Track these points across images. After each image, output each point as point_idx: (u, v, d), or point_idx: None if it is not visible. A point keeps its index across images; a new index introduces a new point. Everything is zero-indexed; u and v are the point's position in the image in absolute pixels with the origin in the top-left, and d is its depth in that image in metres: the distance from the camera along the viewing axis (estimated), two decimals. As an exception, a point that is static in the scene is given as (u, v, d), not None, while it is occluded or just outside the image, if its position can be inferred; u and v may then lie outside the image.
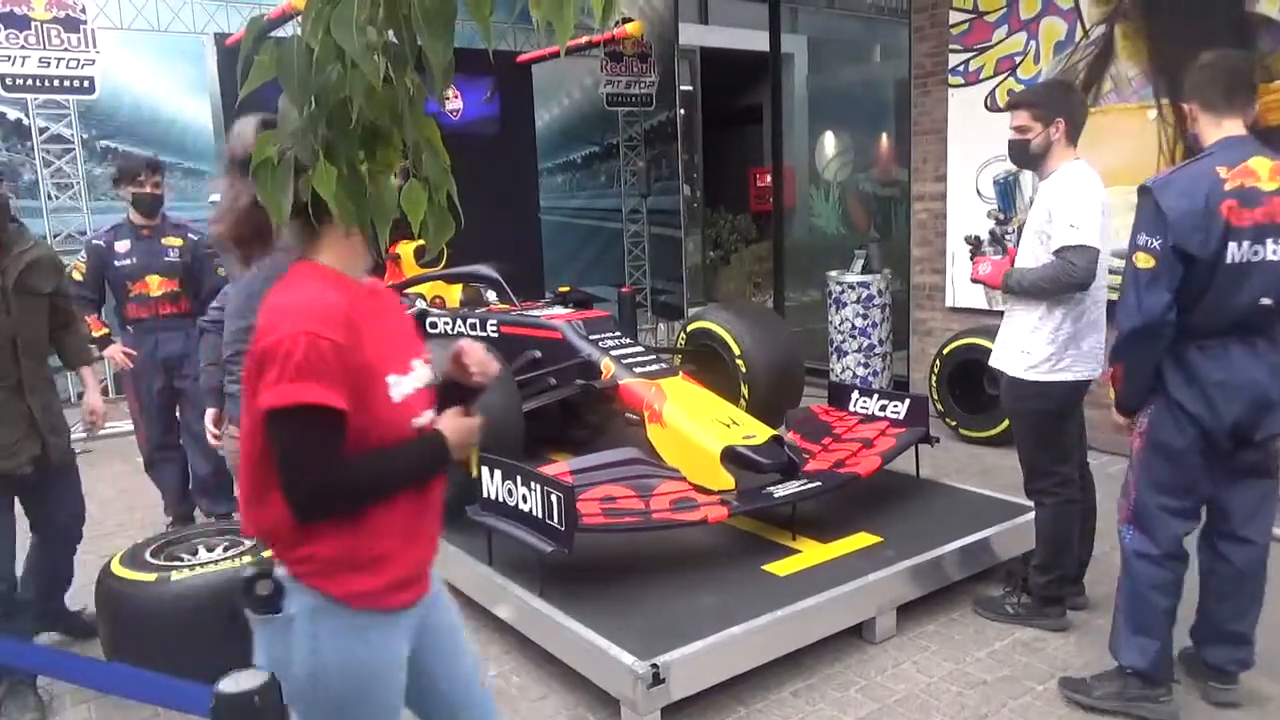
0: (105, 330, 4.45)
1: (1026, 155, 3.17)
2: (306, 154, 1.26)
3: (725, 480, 3.56)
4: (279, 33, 5.19)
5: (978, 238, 3.78)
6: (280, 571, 1.56)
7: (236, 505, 2.88)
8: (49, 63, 6.18)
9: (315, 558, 1.53)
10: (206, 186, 7.52)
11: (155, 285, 4.33)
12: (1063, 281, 3.01)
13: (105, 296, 4.45)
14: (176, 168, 7.24)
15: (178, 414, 4.46)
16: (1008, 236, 5.62)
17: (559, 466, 3.55)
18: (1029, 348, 3.15)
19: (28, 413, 2.92)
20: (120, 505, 5.10)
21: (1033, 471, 3.28)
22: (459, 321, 4.87)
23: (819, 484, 3.55)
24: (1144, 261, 2.57)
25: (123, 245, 4.33)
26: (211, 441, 3.01)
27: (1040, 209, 3.11)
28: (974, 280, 3.37)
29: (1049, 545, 3.28)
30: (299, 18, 1.27)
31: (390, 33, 1.23)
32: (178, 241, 4.39)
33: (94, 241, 4.40)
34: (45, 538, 3.23)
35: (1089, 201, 3.01)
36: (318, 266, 1.55)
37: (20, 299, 2.90)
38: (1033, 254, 3.14)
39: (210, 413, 2.92)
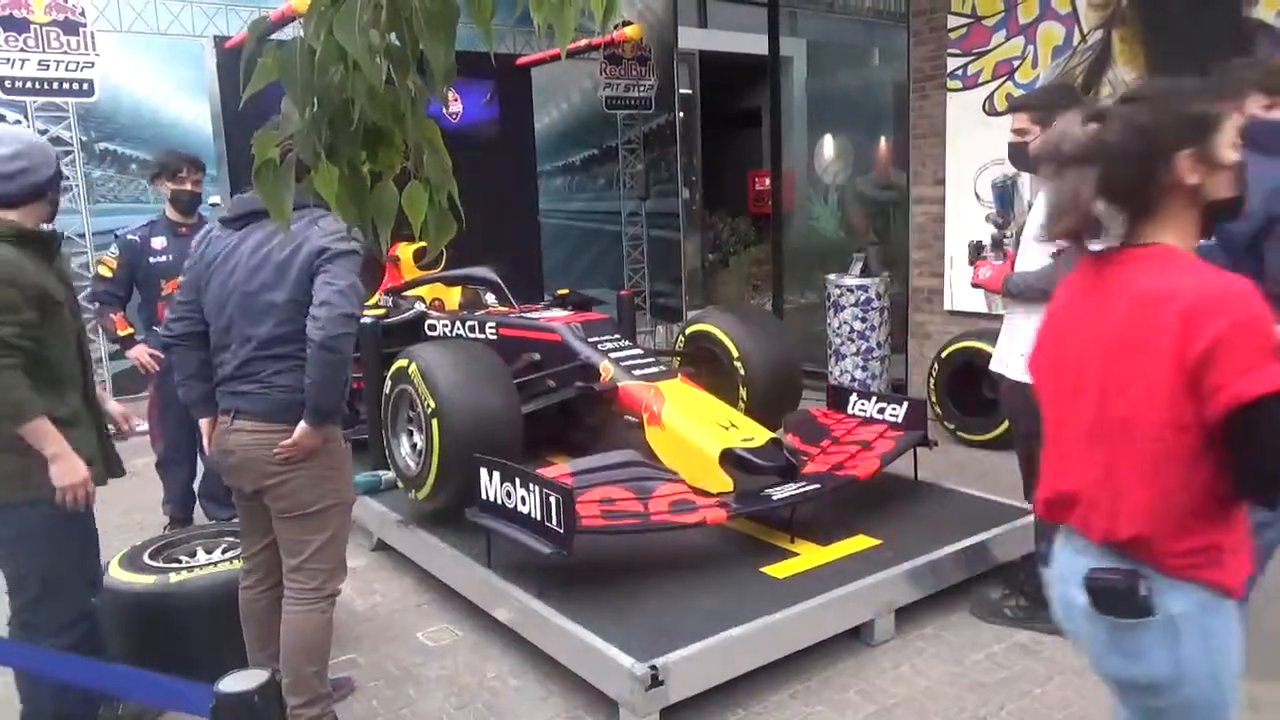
0: (130, 330, 4.40)
1: (1026, 158, 3.19)
2: (309, 154, 1.26)
3: (724, 482, 3.56)
4: (280, 35, 5.19)
5: (979, 243, 3.78)
6: (1141, 569, 1.49)
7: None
8: (48, 65, 6.18)
9: (1210, 548, 1.47)
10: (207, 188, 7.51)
11: None
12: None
13: (132, 294, 4.42)
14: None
15: None
16: (1006, 240, 5.63)
17: (558, 469, 3.55)
18: (1030, 350, 3.15)
19: (98, 420, 2.68)
20: (119, 507, 5.09)
21: (1032, 475, 3.29)
22: (458, 324, 4.87)
23: (817, 486, 3.55)
24: None
25: (159, 242, 4.30)
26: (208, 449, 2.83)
27: (1040, 212, 3.11)
28: (974, 285, 3.39)
29: (1049, 548, 3.28)
30: (300, 20, 1.28)
31: (392, 35, 1.24)
32: None
33: (128, 236, 4.35)
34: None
35: (1088, 205, 3.02)
36: (1179, 250, 1.51)
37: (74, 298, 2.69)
38: (1032, 257, 3.14)
39: (204, 423, 2.75)
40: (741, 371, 4.60)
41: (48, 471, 2.44)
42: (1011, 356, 3.22)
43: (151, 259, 4.27)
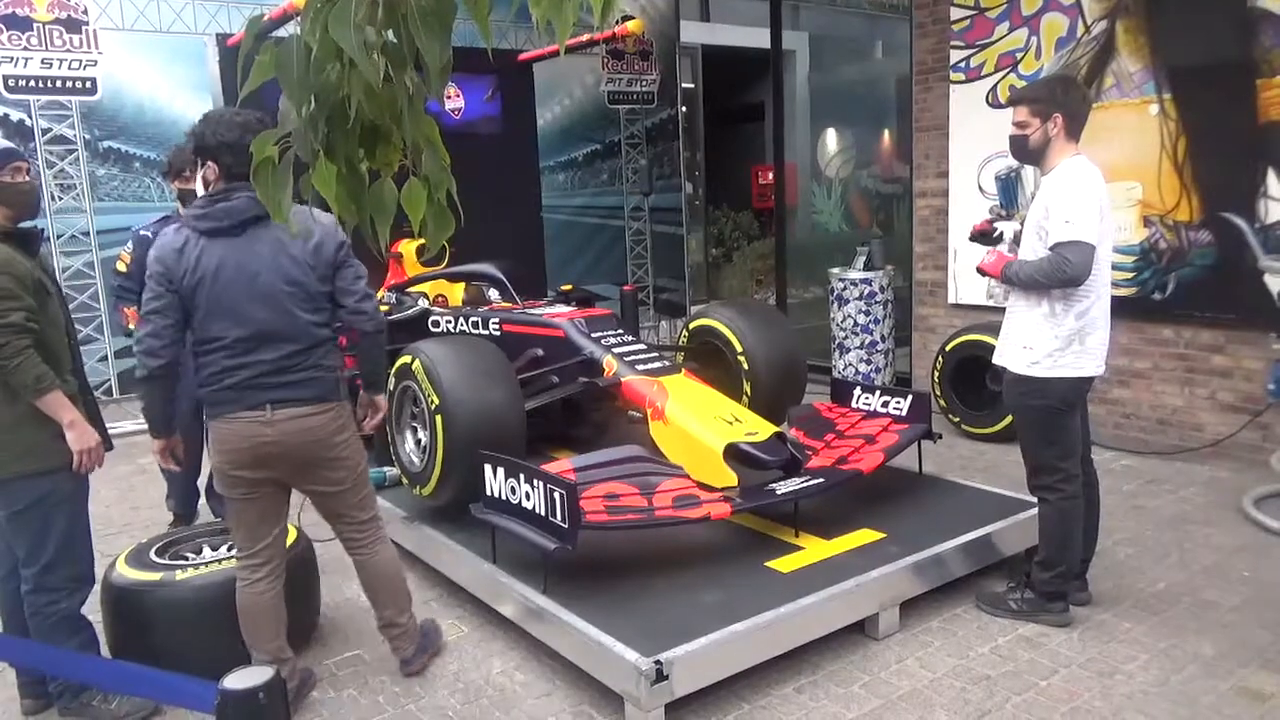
0: None
1: (1026, 151, 3.18)
2: (306, 153, 1.26)
3: (728, 477, 3.56)
4: (280, 33, 5.19)
5: (1000, 234, 3.70)
6: None
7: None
8: (51, 64, 6.19)
9: None
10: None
11: None
12: (1057, 276, 3.02)
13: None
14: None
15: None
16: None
17: (562, 464, 3.55)
18: (1032, 344, 3.15)
19: (88, 397, 2.88)
20: (124, 505, 5.12)
21: (1036, 467, 3.28)
22: (462, 320, 4.88)
23: (821, 481, 3.55)
24: None
25: None
26: (166, 464, 2.91)
27: (1040, 205, 3.12)
28: (978, 269, 3.38)
29: (1052, 541, 3.28)
30: (299, 18, 1.28)
31: (389, 32, 1.24)
32: None
33: (141, 232, 4.35)
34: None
35: (1086, 198, 3.01)
36: None
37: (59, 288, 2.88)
38: (1032, 249, 3.15)
39: (160, 442, 2.83)
40: (745, 366, 4.60)
41: (60, 442, 2.69)
42: (1015, 349, 3.21)
43: None
